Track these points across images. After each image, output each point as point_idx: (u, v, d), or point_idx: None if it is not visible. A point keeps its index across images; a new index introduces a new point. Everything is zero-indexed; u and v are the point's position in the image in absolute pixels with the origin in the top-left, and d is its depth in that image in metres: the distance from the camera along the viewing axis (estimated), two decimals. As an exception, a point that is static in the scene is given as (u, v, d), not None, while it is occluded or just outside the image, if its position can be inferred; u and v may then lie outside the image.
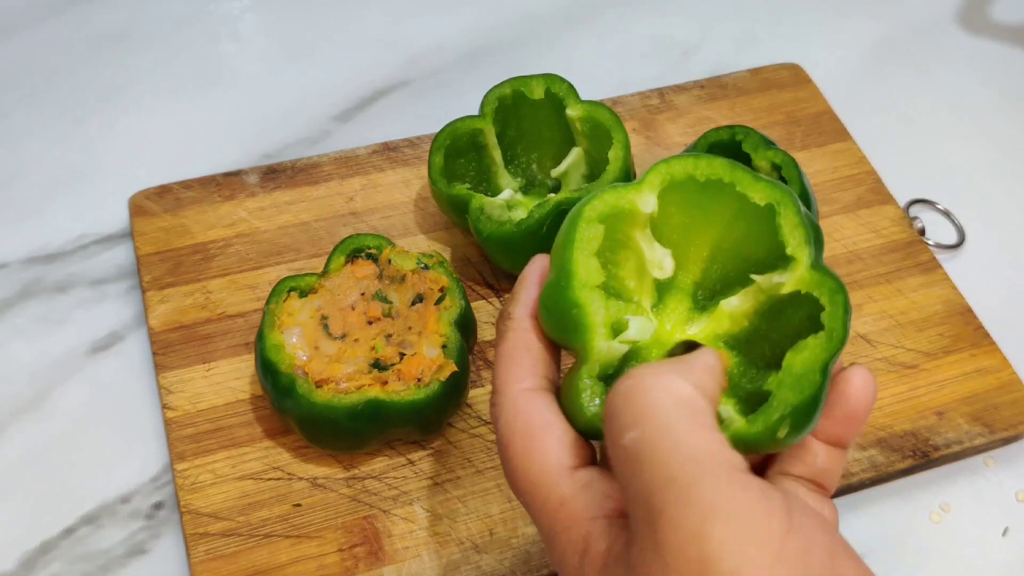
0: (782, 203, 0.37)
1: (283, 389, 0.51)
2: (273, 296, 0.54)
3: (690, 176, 0.39)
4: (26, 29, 0.77)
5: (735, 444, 0.34)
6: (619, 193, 0.38)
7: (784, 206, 0.37)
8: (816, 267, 0.37)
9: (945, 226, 0.70)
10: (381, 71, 0.77)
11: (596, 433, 0.37)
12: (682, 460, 0.31)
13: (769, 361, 0.39)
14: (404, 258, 0.56)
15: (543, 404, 0.37)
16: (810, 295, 0.37)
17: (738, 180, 0.38)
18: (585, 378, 0.37)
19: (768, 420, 0.35)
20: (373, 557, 0.52)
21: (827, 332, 0.36)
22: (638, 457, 0.32)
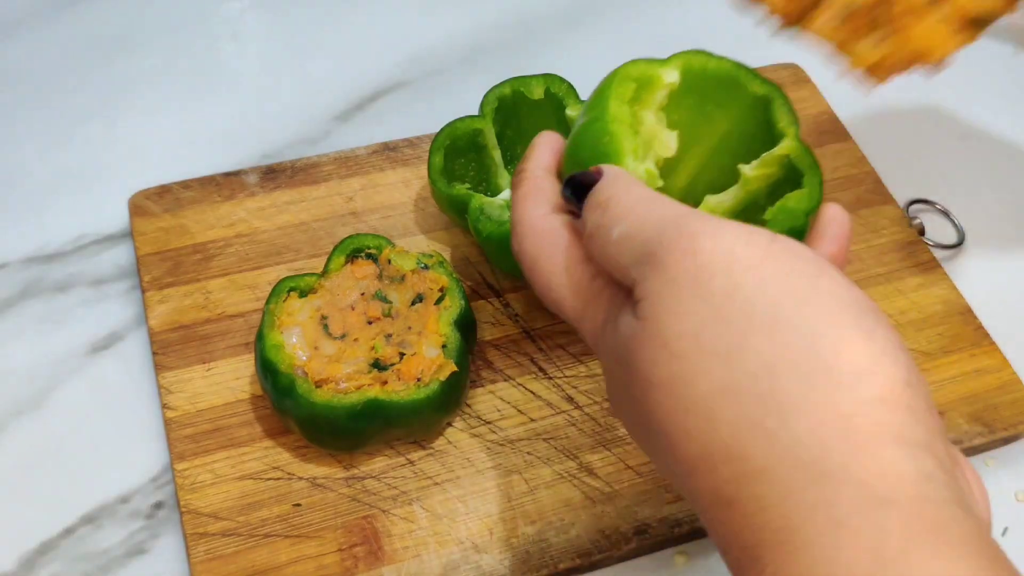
0: (776, 94, 0.45)
1: (283, 389, 0.51)
2: (273, 296, 0.54)
3: (704, 67, 0.46)
4: (26, 29, 0.77)
5: None
6: (649, 63, 0.45)
7: (777, 97, 0.45)
8: (800, 141, 0.45)
9: (945, 226, 0.70)
10: (381, 71, 0.77)
11: None
12: (664, 216, 0.35)
13: None
14: (404, 258, 0.56)
15: (559, 223, 0.41)
16: (786, 189, 0.44)
17: (742, 75, 0.46)
18: None
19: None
20: (373, 557, 0.52)
21: (807, 191, 0.43)
22: (624, 237, 0.36)
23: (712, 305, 0.32)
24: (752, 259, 0.32)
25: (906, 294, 0.64)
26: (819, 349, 0.31)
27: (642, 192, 0.37)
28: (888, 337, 0.32)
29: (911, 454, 0.30)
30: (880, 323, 0.32)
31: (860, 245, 0.66)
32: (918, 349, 0.61)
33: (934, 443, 0.31)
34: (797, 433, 0.30)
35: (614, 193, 0.38)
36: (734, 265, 0.32)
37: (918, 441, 0.30)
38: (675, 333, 0.33)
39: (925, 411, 0.31)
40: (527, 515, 0.54)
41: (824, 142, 0.71)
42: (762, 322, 0.31)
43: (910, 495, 0.29)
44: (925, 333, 0.62)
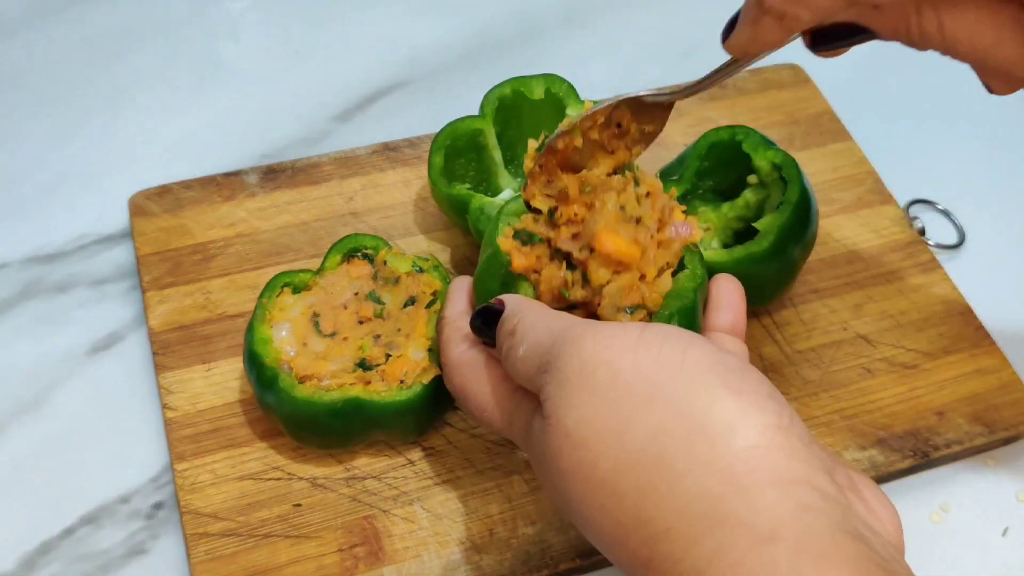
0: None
1: (266, 382, 0.51)
2: (267, 290, 0.54)
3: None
4: (26, 29, 0.77)
5: None
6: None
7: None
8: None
9: (945, 226, 0.70)
10: (381, 71, 0.77)
11: None
12: (555, 329, 0.40)
13: None
14: (400, 260, 0.56)
15: (477, 354, 0.47)
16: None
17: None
18: None
19: (661, 320, 0.47)
20: (373, 557, 0.52)
21: (691, 270, 0.49)
22: (528, 353, 0.41)
23: (599, 394, 0.37)
24: (626, 347, 0.37)
25: (906, 294, 0.64)
26: (694, 412, 0.35)
27: (540, 313, 0.43)
28: (756, 389, 0.36)
29: (788, 492, 0.33)
30: (747, 378, 0.36)
31: (860, 245, 0.66)
32: (918, 349, 0.61)
33: (814, 476, 0.34)
34: (688, 490, 0.34)
35: (519, 319, 0.43)
36: (612, 356, 0.37)
37: (795, 478, 0.33)
38: (573, 423, 0.37)
39: (801, 448, 0.35)
40: (527, 515, 0.54)
41: (824, 142, 0.71)
42: (642, 399, 0.36)
43: (792, 529, 0.32)
44: (925, 333, 0.62)
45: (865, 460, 0.56)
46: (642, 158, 0.68)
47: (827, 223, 0.67)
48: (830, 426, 0.58)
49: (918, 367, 0.61)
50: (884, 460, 0.57)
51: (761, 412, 0.35)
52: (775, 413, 0.35)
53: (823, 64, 0.78)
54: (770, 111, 0.73)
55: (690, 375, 0.36)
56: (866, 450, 0.57)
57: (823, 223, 0.66)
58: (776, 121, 0.72)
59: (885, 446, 0.57)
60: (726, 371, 0.36)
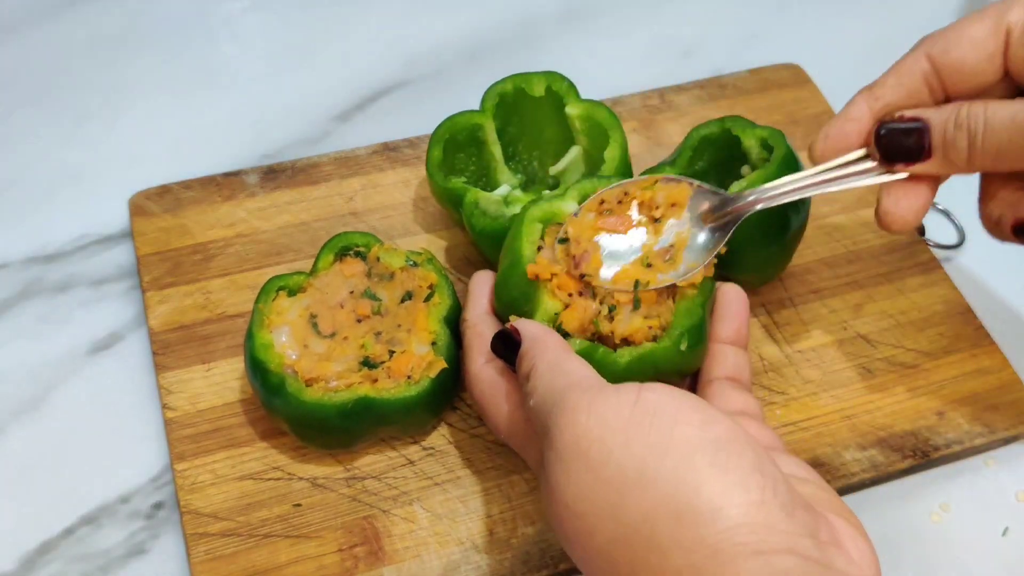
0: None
1: (272, 388, 0.51)
2: (262, 295, 0.54)
3: (596, 189, 0.54)
4: (26, 29, 0.77)
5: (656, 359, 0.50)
6: (549, 201, 0.54)
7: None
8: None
9: (945, 226, 0.70)
10: (381, 71, 0.77)
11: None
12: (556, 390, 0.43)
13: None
14: (393, 255, 0.56)
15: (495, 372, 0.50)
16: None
17: (627, 189, 0.53)
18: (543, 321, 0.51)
19: (672, 338, 0.50)
20: (373, 557, 0.52)
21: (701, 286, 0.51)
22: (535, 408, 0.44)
23: (593, 472, 0.39)
24: (618, 425, 0.39)
25: (906, 294, 0.64)
26: (681, 494, 0.37)
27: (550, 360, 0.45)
28: (740, 466, 0.38)
29: (768, 561, 0.36)
30: (733, 453, 0.38)
31: (860, 245, 0.66)
32: (918, 349, 0.61)
33: (796, 542, 0.37)
34: (677, 565, 0.37)
35: (534, 365, 0.46)
36: (604, 433, 0.39)
37: (775, 548, 0.36)
38: (572, 497, 0.40)
39: (783, 519, 0.37)
40: (527, 515, 0.54)
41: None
42: (634, 479, 0.38)
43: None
44: (925, 333, 0.62)
45: (865, 460, 0.56)
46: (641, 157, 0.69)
47: (827, 223, 0.67)
48: (830, 426, 0.58)
49: (918, 367, 0.60)
50: (884, 460, 0.57)
51: (744, 491, 0.37)
52: (758, 489, 0.37)
53: (823, 64, 0.78)
54: (770, 111, 0.73)
55: (677, 458, 0.38)
56: (866, 450, 0.57)
57: (823, 223, 0.66)
58: (776, 121, 0.72)
59: (885, 446, 0.57)
60: (713, 449, 0.38)
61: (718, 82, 0.74)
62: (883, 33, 0.83)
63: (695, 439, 0.39)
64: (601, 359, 0.50)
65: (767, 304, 0.63)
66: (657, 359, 0.50)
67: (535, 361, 0.46)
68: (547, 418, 0.42)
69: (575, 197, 0.54)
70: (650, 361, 0.50)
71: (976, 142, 0.47)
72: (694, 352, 0.51)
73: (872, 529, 0.56)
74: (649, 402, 0.40)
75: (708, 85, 0.74)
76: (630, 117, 0.71)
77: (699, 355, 0.52)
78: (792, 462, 0.45)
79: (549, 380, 0.44)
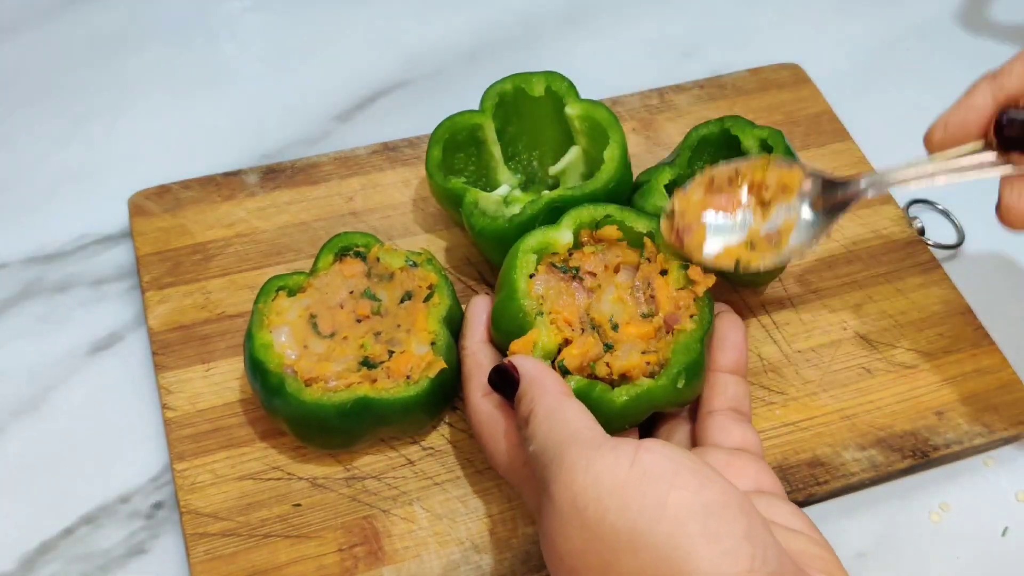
0: (657, 230, 0.53)
1: (272, 388, 0.51)
2: (261, 295, 0.54)
3: (592, 218, 0.54)
4: (26, 29, 0.77)
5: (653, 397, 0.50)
6: (544, 231, 0.54)
7: (658, 232, 0.53)
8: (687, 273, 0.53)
9: (945, 226, 0.70)
10: (381, 71, 0.77)
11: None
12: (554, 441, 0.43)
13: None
14: (392, 256, 0.56)
15: (493, 407, 0.50)
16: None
17: (626, 217, 0.54)
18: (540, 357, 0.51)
19: (669, 376, 0.50)
20: (373, 557, 0.52)
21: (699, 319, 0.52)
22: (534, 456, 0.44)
23: (588, 530, 0.40)
24: (615, 486, 0.40)
25: (906, 294, 0.64)
26: (674, 560, 0.38)
27: (549, 404, 0.46)
28: (732, 533, 0.39)
29: None
30: (725, 520, 0.39)
31: (860, 245, 0.66)
32: (918, 349, 0.61)
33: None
34: None
35: (532, 408, 0.46)
36: (601, 493, 0.40)
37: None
38: (566, 551, 0.41)
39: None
40: (527, 515, 0.54)
41: (824, 142, 0.71)
42: (626, 542, 0.39)
43: None
44: (925, 333, 0.62)
45: (865, 460, 0.56)
46: (641, 157, 0.69)
47: (827, 223, 0.67)
48: (829, 426, 0.58)
49: (918, 367, 0.61)
50: (884, 460, 0.57)
51: (734, 560, 0.38)
52: (748, 558, 0.38)
53: (823, 64, 0.78)
54: (770, 111, 0.73)
55: (671, 524, 0.39)
56: (866, 450, 0.57)
57: (823, 223, 0.66)
58: (776, 121, 0.72)
59: (885, 446, 0.57)
60: (705, 516, 0.39)
61: (718, 82, 0.74)
62: (883, 33, 0.83)
63: (688, 505, 0.39)
64: (599, 397, 0.50)
65: (767, 304, 0.63)
66: (654, 397, 0.50)
67: (533, 405, 0.46)
68: (545, 470, 0.43)
69: (570, 226, 0.54)
70: (647, 399, 0.50)
71: None
72: (691, 387, 0.51)
73: (872, 529, 0.57)
74: (646, 463, 0.40)
75: (708, 85, 0.74)
76: (630, 117, 0.71)
77: (696, 389, 0.52)
78: (788, 511, 0.45)
79: (548, 428, 0.44)
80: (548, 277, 0.54)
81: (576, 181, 0.62)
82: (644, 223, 0.54)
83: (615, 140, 0.58)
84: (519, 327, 0.51)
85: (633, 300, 0.53)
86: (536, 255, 0.53)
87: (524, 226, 0.56)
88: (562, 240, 0.54)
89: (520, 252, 0.53)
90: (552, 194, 0.57)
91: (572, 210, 0.55)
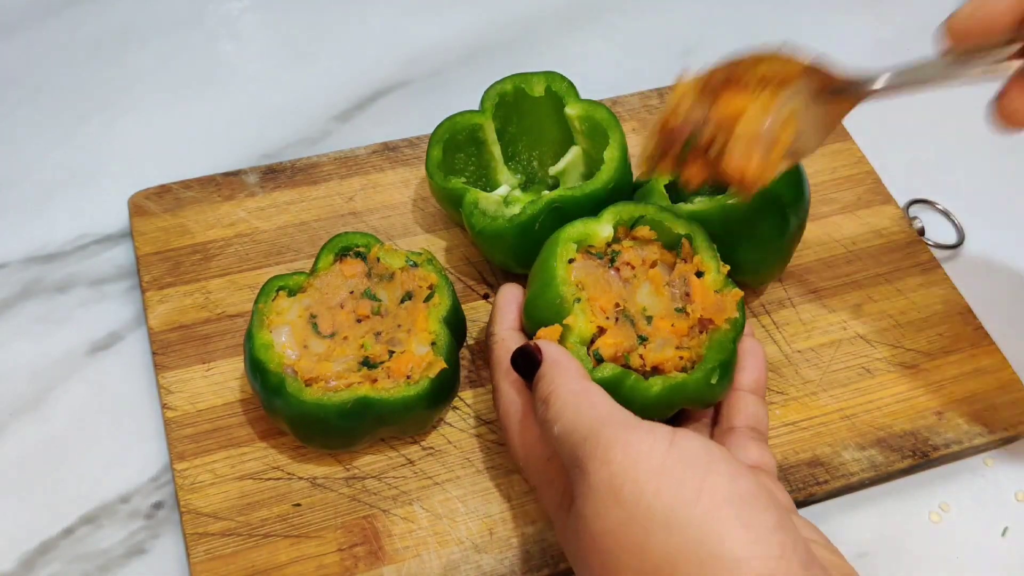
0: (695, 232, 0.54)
1: (272, 388, 0.51)
2: (262, 295, 0.54)
3: (631, 215, 0.54)
4: (26, 29, 0.77)
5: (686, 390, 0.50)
6: (585, 223, 0.54)
7: (697, 235, 0.54)
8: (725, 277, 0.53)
9: (945, 226, 0.70)
10: (381, 71, 0.77)
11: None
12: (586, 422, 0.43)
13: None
14: (393, 256, 0.56)
15: (517, 395, 0.50)
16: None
17: (665, 218, 0.54)
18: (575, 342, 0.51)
19: (704, 371, 0.51)
20: (373, 557, 0.52)
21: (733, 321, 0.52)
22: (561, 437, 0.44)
23: (624, 509, 0.40)
24: (652, 467, 0.40)
25: (906, 294, 0.64)
26: (706, 543, 0.39)
27: (574, 388, 0.46)
28: (764, 522, 0.39)
29: None
30: (758, 509, 0.40)
31: (860, 245, 0.66)
32: (918, 349, 0.61)
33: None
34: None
35: (553, 388, 0.46)
36: (639, 475, 0.40)
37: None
38: (600, 531, 0.41)
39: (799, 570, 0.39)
40: (527, 515, 0.54)
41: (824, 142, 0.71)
42: (661, 523, 0.39)
43: None
44: (925, 333, 0.62)
45: (865, 460, 0.57)
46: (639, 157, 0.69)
47: (827, 223, 0.67)
48: (829, 426, 0.58)
49: (917, 367, 0.61)
50: (883, 460, 0.57)
51: (766, 546, 0.39)
52: (779, 545, 0.39)
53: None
54: (770, 111, 0.73)
55: (706, 507, 0.39)
56: (865, 450, 0.57)
57: (823, 223, 0.66)
58: (776, 121, 0.72)
59: (884, 446, 0.57)
60: (740, 503, 0.40)
61: (718, 82, 0.74)
62: (884, 33, 0.83)
63: (724, 491, 0.40)
64: (632, 386, 0.50)
65: (767, 304, 0.63)
66: (688, 390, 0.50)
67: (554, 387, 0.46)
68: (577, 449, 0.43)
69: (610, 220, 0.54)
70: (680, 392, 0.50)
71: None
72: (723, 386, 0.51)
73: (872, 529, 0.57)
74: (683, 448, 0.41)
75: (708, 85, 0.74)
76: (630, 117, 0.71)
77: (725, 390, 0.52)
78: (805, 525, 0.46)
79: (575, 410, 0.44)
80: (587, 263, 0.53)
81: (576, 181, 0.62)
82: (682, 226, 0.54)
83: (615, 140, 0.58)
84: (556, 314, 0.51)
85: (668, 295, 0.53)
86: (576, 244, 0.53)
87: (524, 226, 0.56)
88: (602, 233, 0.54)
89: (561, 240, 0.53)
90: (552, 194, 0.57)
91: (613, 206, 0.55)
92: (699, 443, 0.42)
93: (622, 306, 0.52)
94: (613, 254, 0.54)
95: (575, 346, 0.50)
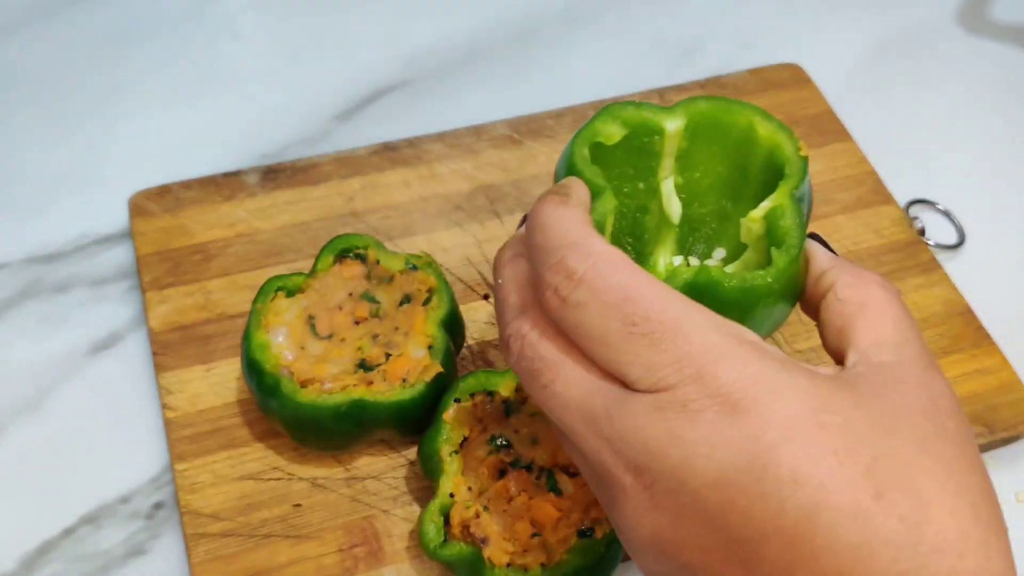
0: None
1: (268, 389, 0.51)
2: (260, 295, 0.54)
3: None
4: (26, 29, 0.77)
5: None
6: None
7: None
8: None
9: (945, 226, 0.70)
10: (381, 71, 0.77)
11: None
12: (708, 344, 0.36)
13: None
14: (392, 258, 0.56)
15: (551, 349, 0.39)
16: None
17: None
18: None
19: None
20: (373, 557, 0.52)
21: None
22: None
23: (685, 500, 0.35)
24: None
25: (906, 294, 0.64)
26: (923, 532, 0.33)
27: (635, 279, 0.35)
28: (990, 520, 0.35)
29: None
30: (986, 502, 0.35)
31: (860, 245, 0.66)
32: (918, 349, 0.61)
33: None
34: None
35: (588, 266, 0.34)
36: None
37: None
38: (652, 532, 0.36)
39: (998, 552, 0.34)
40: (527, 515, 0.54)
41: (824, 142, 0.71)
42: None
43: None
44: (925, 333, 0.62)
45: (865, 460, 0.56)
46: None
47: (827, 223, 0.67)
48: (830, 426, 0.58)
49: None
50: (884, 460, 0.57)
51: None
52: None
53: (823, 64, 0.78)
54: (770, 111, 0.72)
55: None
56: (866, 450, 0.57)
57: (823, 223, 0.66)
58: (776, 121, 0.72)
59: (885, 446, 0.57)
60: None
61: (718, 82, 0.74)
62: (883, 33, 0.83)
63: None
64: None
65: (767, 304, 0.63)
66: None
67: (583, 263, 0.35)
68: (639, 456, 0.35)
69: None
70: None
71: None
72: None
73: (872, 529, 0.57)
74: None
75: (708, 85, 0.74)
76: (630, 117, 0.71)
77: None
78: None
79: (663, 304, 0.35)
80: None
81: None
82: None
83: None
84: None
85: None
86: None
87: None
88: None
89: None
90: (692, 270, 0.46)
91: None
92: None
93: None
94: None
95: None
